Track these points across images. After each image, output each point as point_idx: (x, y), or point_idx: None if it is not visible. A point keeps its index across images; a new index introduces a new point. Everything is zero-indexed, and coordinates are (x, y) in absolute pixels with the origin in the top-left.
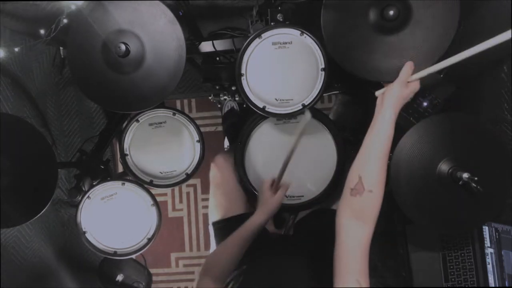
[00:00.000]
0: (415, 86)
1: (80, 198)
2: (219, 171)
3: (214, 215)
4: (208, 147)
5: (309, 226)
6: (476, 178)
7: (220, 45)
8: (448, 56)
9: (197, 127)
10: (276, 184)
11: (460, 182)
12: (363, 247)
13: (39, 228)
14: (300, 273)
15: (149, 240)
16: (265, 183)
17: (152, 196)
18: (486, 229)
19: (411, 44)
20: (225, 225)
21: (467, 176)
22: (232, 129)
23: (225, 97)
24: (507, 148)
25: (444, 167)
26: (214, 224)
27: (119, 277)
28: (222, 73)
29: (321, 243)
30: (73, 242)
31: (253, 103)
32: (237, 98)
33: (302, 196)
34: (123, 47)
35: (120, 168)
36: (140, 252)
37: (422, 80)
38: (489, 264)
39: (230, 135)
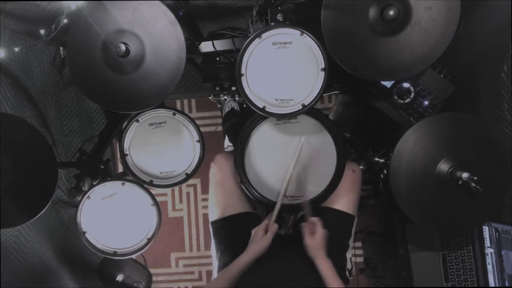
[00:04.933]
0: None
1: (80, 198)
2: (219, 169)
3: (213, 214)
4: (208, 147)
5: None
6: (475, 178)
7: (220, 45)
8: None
9: (197, 127)
10: (271, 223)
11: (460, 182)
12: None
13: (39, 228)
14: (300, 273)
15: (149, 240)
16: (263, 223)
17: (152, 196)
18: (486, 229)
19: (410, 45)
20: (224, 224)
21: (466, 176)
22: (233, 129)
23: (225, 97)
24: (507, 148)
25: (443, 166)
26: (212, 223)
27: (119, 277)
28: (222, 73)
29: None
30: (73, 242)
31: (253, 103)
32: (237, 98)
33: (302, 196)
34: (123, 47)
35: (120, 168)
36: (140, 252)
37: (423, 80)
38: (489, 264)
39: (231, 135)
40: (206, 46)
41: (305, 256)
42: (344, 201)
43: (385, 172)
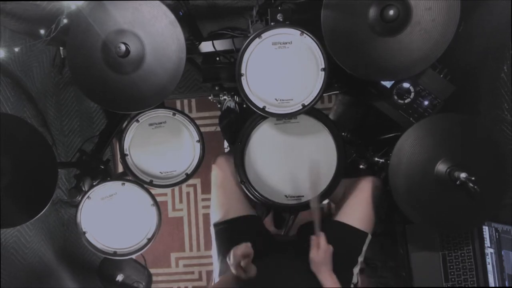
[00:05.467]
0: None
1: (80, 198)
2: (221, 171)
3: (215, 216)
4: (208, 147)
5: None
6: (473, 178)
7: (220, 45)
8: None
9: (197, 127)
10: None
11: (458, 182)
12: None
13: (39, 228)
14: (300, 274)
15: (149, 240)
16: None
17: (152, 196)
18: (486, 229)
19: (410, 45)
20: (225, 227)
21: (464, 176)
22: (229, 128)
23: (225, 97)
24: (506, 148)
25: (442, 167)
26: (214, 225)
27: (119, 277)
28: (222, 73)
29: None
30: (73, 242)
31: (253, 103)
32: (237, 99)
33: (302, 196)
34: (123, 47)
35: (120, 168)
36: (140, 252)
37: (423, 80)
38: (489, 264)
39: (228, 135)
40: (206, 46)
41: (305, 258)
42: (359, 217)
43: (384, 172)
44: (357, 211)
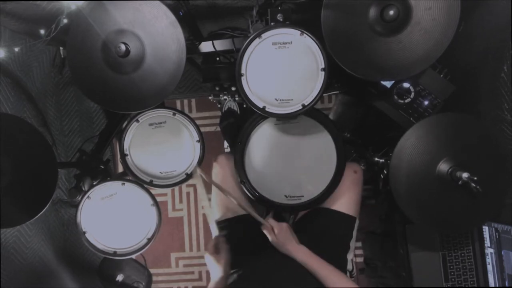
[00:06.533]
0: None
1: (80, 198)
2: (221, 170)
3: (215, 214)
4: (208, 147)
5: (308, 225)
6: (475, 178)
7: (220, 45)
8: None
9: (197, 127)
10: (213, 245)
11: (460, 182)
12: None
13: (39, 228)
14: (298, 272)
15: (149, 240)
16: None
17: (152, 196)
18: (486, 229)
19: (410, 45)
20: (225, 226)
21: (466, 176)
22: (230, 129)
23: (225, 97)
24: (507, 148)
25: (443, 167)
26: None
27: (119, 277)
28: (222, 73)
29: (319, 242)
30: (73, 242)
31: (253, 103)
32: (237, 98)
33: (302, 196)
34: (123, 47)
35: (120, 168)
36: (140, 252)
37: (423, 80)
38: (489, 264)
39: (228, 136)
40: (206, 46)
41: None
42: (344, 202)
43: (385, 172)
44: (342, 196)
